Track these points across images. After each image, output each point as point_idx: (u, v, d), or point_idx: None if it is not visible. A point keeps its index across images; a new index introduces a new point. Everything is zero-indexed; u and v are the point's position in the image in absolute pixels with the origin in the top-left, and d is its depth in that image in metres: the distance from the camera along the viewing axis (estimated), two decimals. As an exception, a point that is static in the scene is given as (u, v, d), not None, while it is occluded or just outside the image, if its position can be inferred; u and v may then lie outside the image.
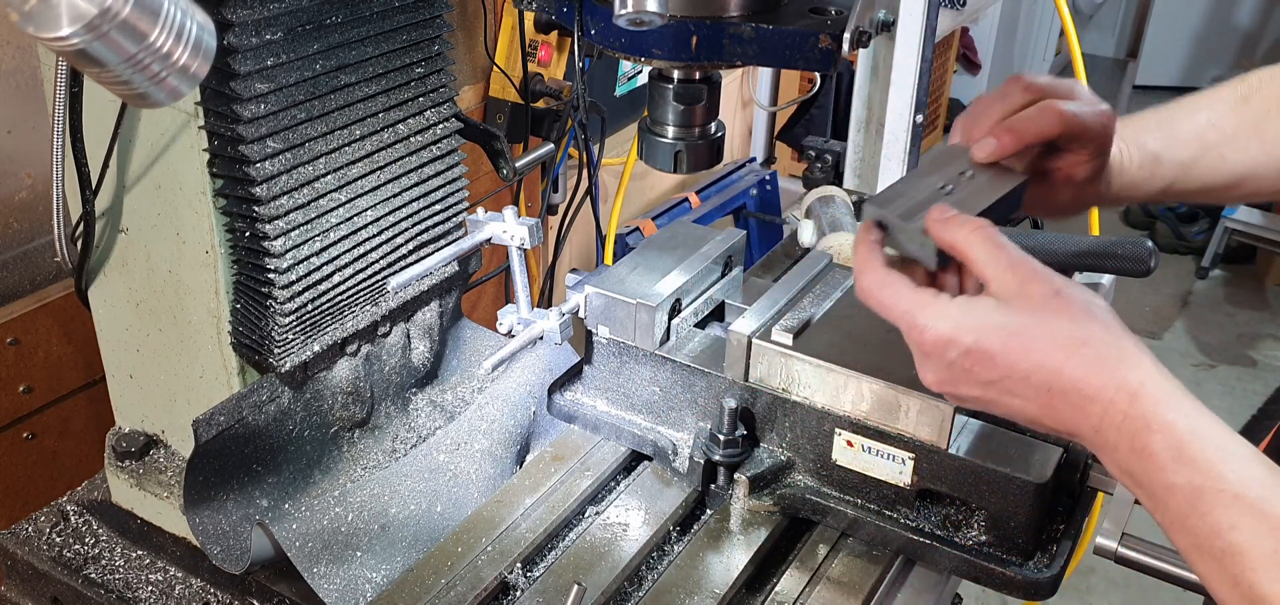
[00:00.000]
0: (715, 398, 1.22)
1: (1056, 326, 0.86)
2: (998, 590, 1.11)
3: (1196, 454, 0.79)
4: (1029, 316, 0.87)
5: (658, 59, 1.12)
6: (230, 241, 1.16)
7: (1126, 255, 1.73)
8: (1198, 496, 0.78)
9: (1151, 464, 0.81)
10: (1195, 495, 0.78)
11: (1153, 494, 0.82)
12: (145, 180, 1.18)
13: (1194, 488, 0.78)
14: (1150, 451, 0.81)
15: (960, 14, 2.60)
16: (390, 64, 1.22)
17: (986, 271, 0.89)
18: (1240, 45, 7.07)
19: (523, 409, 1.43)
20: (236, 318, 1.19)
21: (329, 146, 1.18)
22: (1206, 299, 4.97)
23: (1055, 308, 0.87)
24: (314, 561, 1.16)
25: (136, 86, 0.74)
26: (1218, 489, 0.78)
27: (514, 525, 1.16)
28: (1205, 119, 1.17)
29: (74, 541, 1.32)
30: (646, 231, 2.95)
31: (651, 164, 1.21)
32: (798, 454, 1.20)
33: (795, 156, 3.92)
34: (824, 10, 1.06)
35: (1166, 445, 0.80)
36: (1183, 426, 0.81)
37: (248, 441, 1.19)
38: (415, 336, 1.37)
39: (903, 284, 0.92)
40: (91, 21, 0.69)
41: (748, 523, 1.18)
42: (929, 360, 0.91)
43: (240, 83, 1.06)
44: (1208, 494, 0.78)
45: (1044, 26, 7.30)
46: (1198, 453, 0.79)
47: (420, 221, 1.32)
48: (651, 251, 1.36)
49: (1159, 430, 0.81)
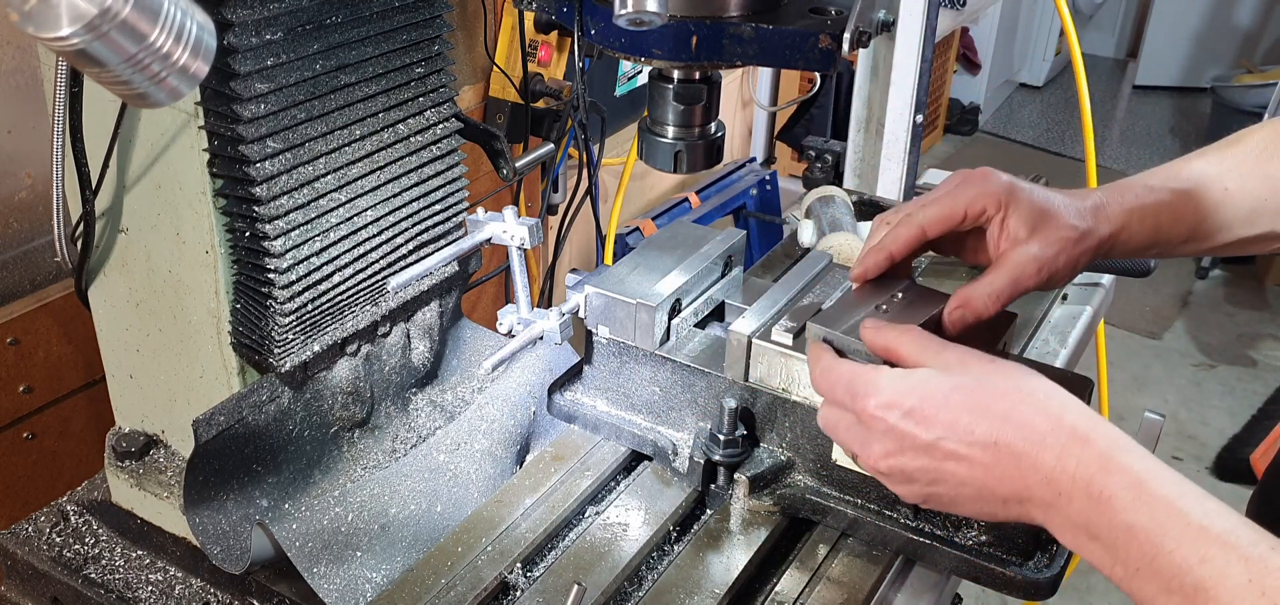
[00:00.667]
0: (715, 398, 1.22)
1: (998, 381, 0.88)
2: (998, 590, 1.11)
3: (1157, 492, 0.78)
4: (969, 377, 0.89)
5: (658, 59, 1.12)
6: (230, 241, 1.16)
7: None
8: (1163, 534, 0.77)
9: (1110, 508, 0.79)
10: (1160, 533, 0.77)
11: (1112, 543, 0.79)
12: (145, 180, 1.18)
13: (1158, 524, 0.77)
14: (1108, 494, 0.79)
15: (960, 14, 2.60)
16: (390, 64, 1.22)
17: (922, 359, 0.93)
18: (1240, 45, 7.07)
19: (523, 409, 1.43)
20: (236, 318, 1.20)
21: (329, 146, 1.18)
22: (1206, 299, 4.97)
23: (994, 369, 0.89)
24: (314, 561, 1.16)
25: (136, 86, 0.74)
26: (1183, 525, 0.76)
27: (514, 525, 1.16)
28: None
29: (74, 541, 1.32)
30: (646, 231, 2.95)
31: (651, 164, 1.21)
32: (798, 454, 1.20)
33: (795, 156, 3.93)
34: (824, 10, 1.06)
35: (1126, 485, 0.79)
36: (1139, 468, 0.80)
37: (248, 441, 1.19)
38: (415, 336, 1.37)
39: (847, 364, 0.97)
40: (91, 21, 0.69)
41: (748, 523, 1.18)
42: (873, 430, 0.92)
43: (240, 83, 1.06)
44: (1173, 530, 0.76)
45: (1044, 26, 7.32)
46: (1158, 490, 0.79)
47: (420, 221, 1.32)
48: (651, 251, 1.36)
49: (1117, 471, 0.80)
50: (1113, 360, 4.22)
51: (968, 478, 0.87)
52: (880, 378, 0.93)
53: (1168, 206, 1.11)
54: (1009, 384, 0.88)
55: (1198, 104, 6.92)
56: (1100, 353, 2.68)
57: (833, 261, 1.41)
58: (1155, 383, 4.28)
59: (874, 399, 0.91)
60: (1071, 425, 0.83)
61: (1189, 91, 7.19)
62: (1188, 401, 4.15)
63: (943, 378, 0.90)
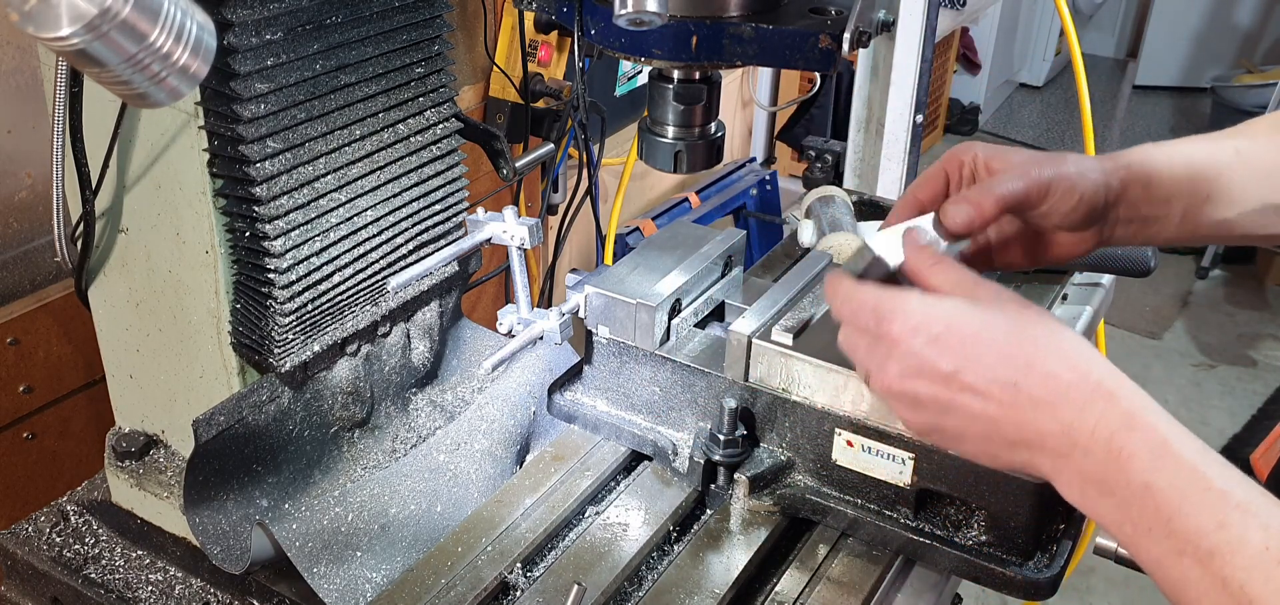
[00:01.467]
0: (715, 398, 1.22)
1: (1029, 325, 0.85)
2: (998, 590, 1.11)
3: (1180, 453, 0.78)
4: (1001, 316, 0.86)
5: (658, 59, 1.12)
6: (230, 241, 1.16)
7: (1126, 255, 1.73)
8: (1182, 497, 0.76)
9: (1129, 464, 0.78)
10: (1179, 496, 0.76)
11: (1126, 500, 0.79)
12: (145, 180, 1.18)
13: (1178, 486, 0.76)
14: (1129, 450, 0.79)
15: (960, 14, 2.60)
16: (390, 64, 1.22)
17: (955, 291, 0.90)
18: (1240, 45, 7.07)
19: (523, 409, 1.43)
20: (236, 318, 1.20)
21: (329, 146, 1.18)
22: (1206, 299, 4.97)
23: (1028, 313, 0.87)
24: (314, 561, 1.16)
25: (136, 86, 0.74)
26: (1204, 489, 0.76)
27: (514, 525, 1.16)
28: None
29: (74, 541, 1.32)
30: (646, 231, 2.95)
31: (651, 164, 1.21)
32: (798, 454, 1.20)
33: (795, 156, 3.93)
34: (824, 10, 1.06)
35: (1148, 443, 0.79)
36: (1163, 429, 0.79)
37: (248, 441, 1.19)
38: (415, 336, 1.37)
39: (871, 288, 0.93)
40: (91, 21, 0.69)
41: (748, 523, 1.18)
42: (895, 350, 0.89)
43: (240, 83, 1.06)
44: (1193, 495, 0.76)
45: (1044, 26, 7.31)
46: (1180, 451, 0.78)
47: (420, 221, 1.32)
48: (651, 251, 1.36)
49: (1140, 429, 0.79)
50: (1113, 360, 4.20)
51: (980, 414, 0.85)
52: (909, 301, 0.89)
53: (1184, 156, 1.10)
54: (1039, 330, 0.85)
55: (1198, 104, 6.92)
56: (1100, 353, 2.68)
57: (833, 261, 1.41)
58: (1155, 383, 4.28)
59: (900, 322, 0.88)
60: (1097, 380, 0.82)
61: (1189, 91, 7.19)
62: (1188, 401, 4.15)
63: (973, 311, 0.87)
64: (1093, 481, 0.81)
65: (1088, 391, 0.82)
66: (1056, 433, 0.82)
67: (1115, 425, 0.80)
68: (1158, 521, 0.77)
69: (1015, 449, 0.86)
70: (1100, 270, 1.83)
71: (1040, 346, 0.84)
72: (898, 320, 0.89)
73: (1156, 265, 1.76)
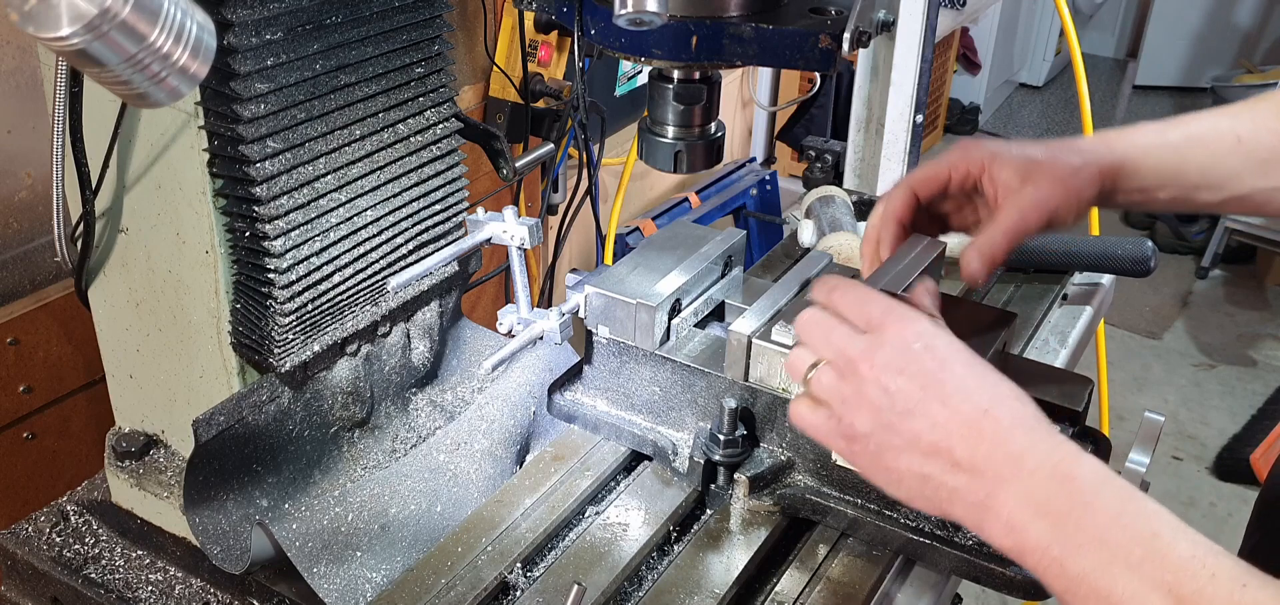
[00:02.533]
0: (715, 398, 1.22)
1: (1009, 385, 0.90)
2: (998, 590, 1.11)
3: (1120, 486, 0.82)
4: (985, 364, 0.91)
5: (658, 59, 1.12)
6: (230, 241, 1.16)
7: (1126, 255, 1.74)
8: (1121, 511, 0.80)
9: (1073, 487, 0.82)
10: (1118, 511, 0.80)
11: (1067, 517, 0.81)
12: (145, 180, 1.18)
13: (1118, 505, 0.80)
14: (1075, 477, 0.82)
15: (960, 14, 2.60)
16: (390, 64, 1.22)
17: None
18: (1240, 45, 7.07)
19: (523, 409, 1.43)
20: (236, 318, 1.20)
21: (329, 146, 1.18)
22: (1206, 299, 4.97)
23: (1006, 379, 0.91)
24: (314, 561, 1.16)
25: (136, 86, 0.74)
26: (1140, 507, 0.80)
27: (514, 525, 1.16)
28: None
29: (74, 541, 1.32)
30: (646, 231, 2.95)
31: (651, 164, 1.21)
32: (798, 454, 1.20)
33: (795, 156, 3.92)
34: (824, 10, 1.06)
35: (1093, 472, 0.82)
36: (1106, 472, 0.84)
37: (248, 441, 1.19)
38: (415, 336, 1.37)
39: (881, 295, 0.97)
40: (91, 21, 0.69)
41: (748, 523, 1.18)
42: (886, 334, 0.91)
43: (240, 83, 1.06)
44: (1131, 511, 0.80)
45: (1044, 26, 7.31)
46: (1121, 485, 0.82)
47: (420, 221, 1.32)
48: (651, 251, 1.36)
49: (1088, 466, 0.83)
50: (1113, 360, 4.22)
51: (940, 423, 0.87)
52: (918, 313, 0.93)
53: (1174, 147, 1.12)
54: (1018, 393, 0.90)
55: (1198, 104, 6.82)
56: (1100, 353, 2.68)
57: (833, 261, 1.41)
58: (1155, 383, 4.28)
59: (911, 318, 0.91)
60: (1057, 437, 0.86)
61: (1189, 91, 7.19)
62: (1188, 401, 4.15)
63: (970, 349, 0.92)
64: (1031, 505, 0.83)
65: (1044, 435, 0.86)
66: (1006, 459, 0.85)
67: (1063, 456, 0.84)
68: (1096, 536, 0.80)
69: (957, 470, 0.86)
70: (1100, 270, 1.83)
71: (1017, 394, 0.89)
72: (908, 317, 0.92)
73: (1156, 265, 1.76)
